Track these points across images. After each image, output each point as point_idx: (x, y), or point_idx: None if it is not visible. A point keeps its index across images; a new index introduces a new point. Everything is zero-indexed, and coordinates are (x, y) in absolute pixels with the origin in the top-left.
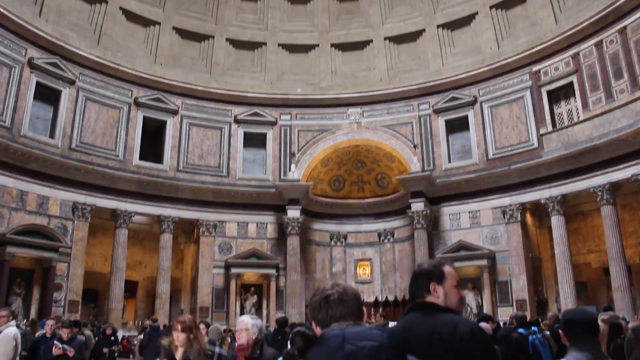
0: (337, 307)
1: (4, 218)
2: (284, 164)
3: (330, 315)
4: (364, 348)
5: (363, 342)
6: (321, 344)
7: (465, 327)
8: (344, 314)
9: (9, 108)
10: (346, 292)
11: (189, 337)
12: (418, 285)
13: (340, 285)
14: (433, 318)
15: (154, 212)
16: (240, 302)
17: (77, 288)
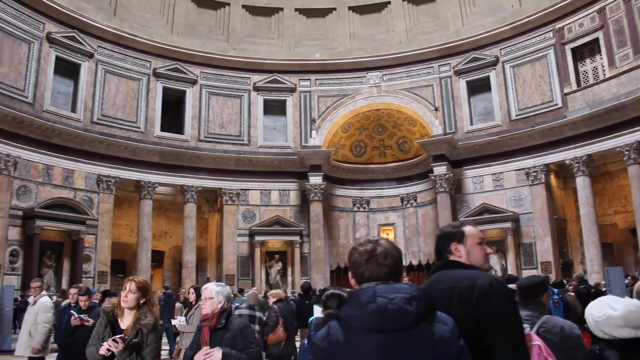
0: (377, 266)
1: (32, 193)
2: (305, 130)
3: (369, 275)
4: (395, 299)
5: (394, 295)
6: (352, 300)
7: (484, 280)
8: (383, 274)
9: (30, 84)
10: (388, 252)
11: (138, 300)
12: (441, 247)
13: (382, 245)
14: (454, 273)
15: (177, 183)
16: (265, 269)
17: (105, 259)
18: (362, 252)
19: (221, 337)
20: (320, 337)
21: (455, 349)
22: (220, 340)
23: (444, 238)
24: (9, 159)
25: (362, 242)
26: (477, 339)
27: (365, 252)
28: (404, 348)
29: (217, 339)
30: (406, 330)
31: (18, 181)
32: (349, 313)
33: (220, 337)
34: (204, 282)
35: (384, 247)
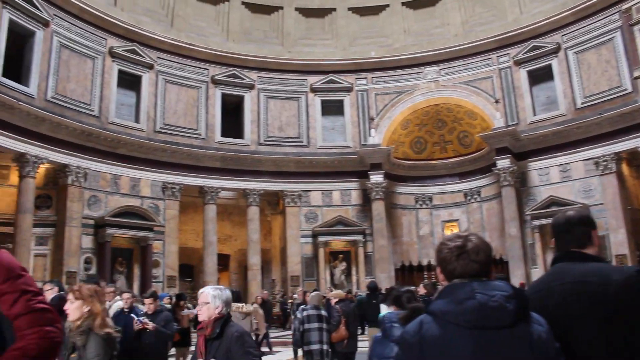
0: (468, 263)
1: (102, 202)
2: (364, 129)
3: (460, 272)
4: (495, 296)
5: (493, 292)
6: (448, 295)
7: (619, 275)
8: (475, 271)
9: (95, 97)
10: (480, 248)
11: (80, 310)
12: (577, 235)
13: (473, 241)
14: (581, 267)
15: (239, 187)
16: (329, 270)
17: (173, 264)
18: (452, 248)
19: (216, 348)
20: (411, 332)
21: (552, 350)
22: (215, 351)
23: (584, 224)
24: (79, 171)
25: (451, 237)
26: (606, 336)
27: (455, 247)
28: (501, 346)
29: (212, 350)
30: (505, 328)
31: (88, 191)
32: (445, 309)
33: (215, 347)
34: (270, 284)
35: (475, 243)
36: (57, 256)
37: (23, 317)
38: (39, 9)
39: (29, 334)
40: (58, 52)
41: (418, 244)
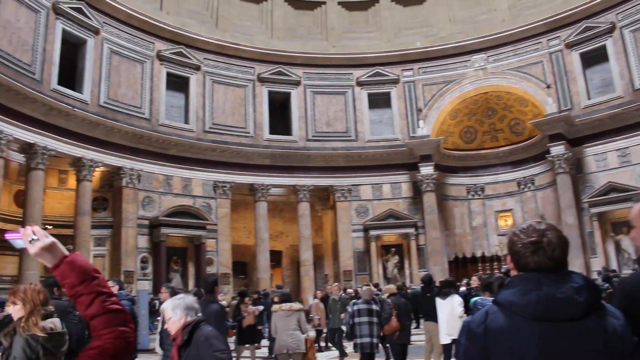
0: (543, 259)
1: (155, 202)
2: (412, 121)
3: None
4: (563, 288)
5: (562, 283)
6: (515, 285)
7: None
8: (550, 266)
9: (146, 100)
10: (555, 245)
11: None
12: None
13: (549, 236)
14: None
15: (288, 183)
16: (381, 264)
17: (227, 261)
18: (526, 244)
19: (187, 354)
20: (476, 322)
21: (629, 345)
22: (187, 357)
23: None
24: (133, 173)
25: (525, 228)
26: None
27: (530, 243)
28: (570, 339)
29: (184, 357)
30: (574, 320)
31: (142, 192)
32: (510, 299)
33: (187, 354)
34: (322, 279)
35: (550, 239)
36: (115, 256)
37: (99, 317)
38: (90, 17)
39: (105, 333)
40: (109, 58)
41: (471, 235)
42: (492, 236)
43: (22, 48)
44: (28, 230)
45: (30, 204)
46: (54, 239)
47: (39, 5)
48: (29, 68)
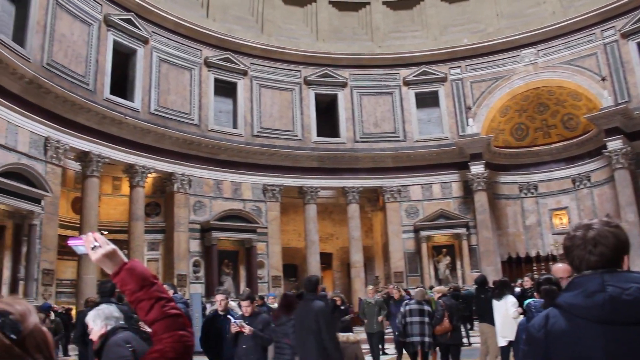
0: (585, 254)
1: (206, 207)
2: (461, 119)
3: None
4: (629, 289)
5: (627, 284)
6: (576, 287)
7: None
8: (592, 263)
9: (195, 107)
10: (597, 240)
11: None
12: None
13: (593, 230)
14: None
15: (337, 185)
16: (433, 264)
17: (277, 264)
18: (571, 237)
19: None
20: (536, 326)
21: None
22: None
23: None
24: (184, 178)
25: (575, 226)
26: None
27: (575, 238)
28: (638, 343)
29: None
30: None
31: (193, 197)
32: (572, 302)
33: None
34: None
35: (594, 233)
36: (168, 260)
37: (159, 322)
38: (139, 28)
39: (165, 337)
40: (158, 66)
41: (525, 235)
42: (547, 235)
43: (77, 60)
44: (90, 237)
45: (87, 210)
46: (115, 247)
47: (91, 18)
48: (83, 79)
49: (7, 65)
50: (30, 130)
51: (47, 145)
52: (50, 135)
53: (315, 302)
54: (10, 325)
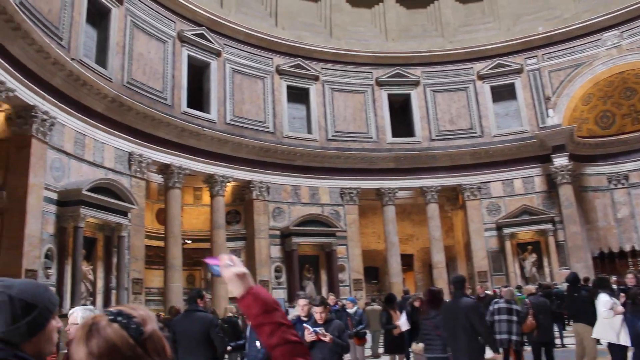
0: None
1: (285, 213)
2: (540, 111)
3: None
4: None
5: None
6: None
7: None
8: None
9: (269, 114)
10: None
11: None
12: None
13: None
14: None
15: (415, 185)
16: (518, 262)
17: (358, 267)
18: None
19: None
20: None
21: None
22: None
23: None
24: (262, 185)
25: None
26: None
27: None
28: None
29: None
30: None
31: (272, 204)
32: None
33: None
34: None
35: None
36: (250, 266)
37: (280, 348)
38: (211, 41)
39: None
40: (231, 77)
41: (617, 229)
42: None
43: (154, 77)
44: (226, 257)
45: (170, 221)
46: (247, 271)
47: (166, 36)
48: (161, 94)
49: (92, 86)
50: (114, 147)
51: (131, 160)
52: (134, 150)
53: (464, 299)
54: (134, 327)
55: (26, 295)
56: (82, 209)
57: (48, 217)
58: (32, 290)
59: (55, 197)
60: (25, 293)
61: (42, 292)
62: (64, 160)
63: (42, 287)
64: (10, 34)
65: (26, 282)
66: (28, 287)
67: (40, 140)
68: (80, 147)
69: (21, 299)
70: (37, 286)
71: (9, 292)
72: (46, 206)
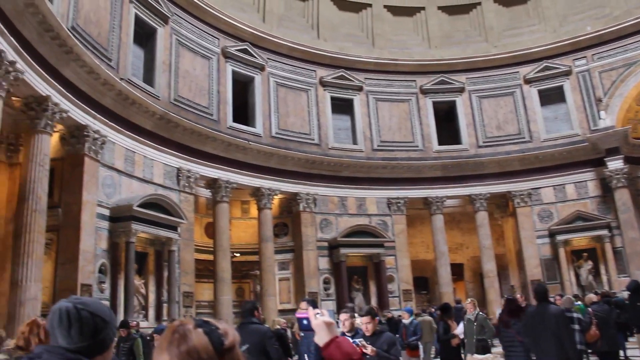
0: None
1: (332, 224)
2: (591, 113)
3: None
4: None
5: None
6: None
7: None
8: None
9: (314, 126)
10: None
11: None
12: None
13: None
14: None
15: (463, 193)
16: (573, 270)
17: (407, 277)
18: None
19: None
20: None
21: None
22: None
23: None
24: (308, 197)
25: None
26: None
27: None
28: None
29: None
30: None
31: (319, 215)
32: None
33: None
34: (509, 291)
35: None
36: (299, 278)
37: None
38: (255, 56)
39: None
40: (275, 91)
41: None
42: None
43: (200, 93)
44: (314, 311)
45: (219, 235)
46: (334, 321)
47: (210, 53)
48: (207, 110)
49: (140, 104)
50: (163, 163)
51: (179, 175)
52: (182, 165)
53: (551, 306)
54: (217, 337)
55: (102, 313)
56: (134, 225)
57: (101, 233)
58: (103, 308)
59: (107, 214)
60: (100, 311)
61: (109, 311)
62: (115, 177)
63: (107, 307)
64: (64, 58)
65: (96, 301)
66: (99, 305)
67: (93, 158)
68: (130, 164)
69: (98, 316)
70: (104, 305)
71: (89, 310)
72: (99, 222)
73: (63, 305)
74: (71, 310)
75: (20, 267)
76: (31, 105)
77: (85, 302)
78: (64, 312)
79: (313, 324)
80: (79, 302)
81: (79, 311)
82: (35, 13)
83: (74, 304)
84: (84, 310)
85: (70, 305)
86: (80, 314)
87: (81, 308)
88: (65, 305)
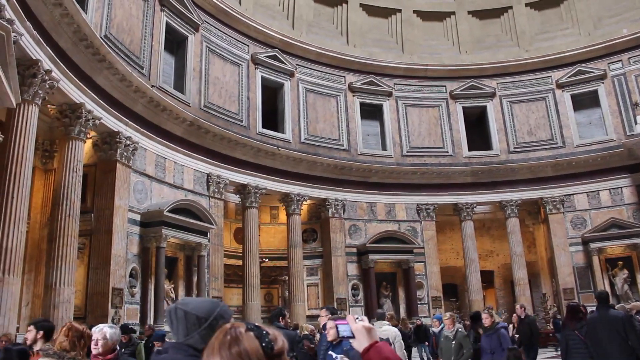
0: None
1: (361, 230)
2: (627, 117)
3: None
4: None
5: None
6: None
7: None
8: None
9: (343, 132)
10: None
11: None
12: None
13: None
14: None
15: (494, 199)
16: (608, 279)
17: (437, 284)
18: None
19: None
20: None
21: None
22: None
23: None
24: (337, 203)
25: None
26: None
27: None
28: None
29: None
30: None
31: (348, 221)
32: None
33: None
34: (540, 299)
35: None
36: (327, 284)
37: None
38: (284, 62)
39: None
40: (304, 97)
41: None
42: None
43: (230, 99)
44: (353, 316)
45: (248, 240)
46: (374, 327)
47: (240, 59)
48: (237, 116)
49: (171, 111)
50: (193, 169)
51: (209, 181)
52: (211, 171)
53: (612, 311)
54: (267, 341)
55: (198, 311)
56: (164, 230)
57: (132, 238)
58: (204, 306)
59: (138, 219)
60: (197, 309)
61: (213, 308)
62: (146, 183)
63: (215, 304)
64: (97, 66)
65: (201, 300)
66: (201, 304)
67: (125, 164)
68: (161, 170)
69: (193, 314)
70: (210, 303)
71: (184, 309)
72: (130, 227)
73: (171, 306)
74: (172, 310)
75: (54, 270)
76: (65, 113)
77: (184, 302)
78: (167, 312)
79: (353, 328)
80: (180, 303)
81: (177, 310)
82: (70, 23)
83: (176, 304)
84: (180, 310)
85: (173, 305)
86: (178, 313)
87: (179, 308)
88: (171, 306)
